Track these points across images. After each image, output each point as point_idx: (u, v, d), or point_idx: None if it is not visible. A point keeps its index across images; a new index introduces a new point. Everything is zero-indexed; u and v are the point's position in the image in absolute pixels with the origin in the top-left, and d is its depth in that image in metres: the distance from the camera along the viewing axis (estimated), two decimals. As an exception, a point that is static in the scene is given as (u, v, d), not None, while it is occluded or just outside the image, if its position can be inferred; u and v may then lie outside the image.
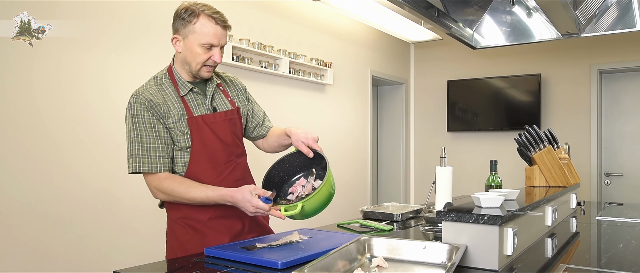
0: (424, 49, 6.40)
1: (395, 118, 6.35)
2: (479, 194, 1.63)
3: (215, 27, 1.70)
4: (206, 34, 1.69)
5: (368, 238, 1.55)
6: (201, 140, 1.76)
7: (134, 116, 1.70)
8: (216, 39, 1.71)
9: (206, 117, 1.78)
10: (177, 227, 1.81)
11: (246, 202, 1.63)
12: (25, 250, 2.62)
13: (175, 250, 1.79)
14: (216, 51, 1.73)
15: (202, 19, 1.69)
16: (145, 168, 1.71)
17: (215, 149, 1.79)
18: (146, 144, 1.70)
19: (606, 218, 2.59)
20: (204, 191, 1.69)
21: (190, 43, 1.72)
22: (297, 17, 4.49)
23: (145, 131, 1.70)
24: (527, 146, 2.64)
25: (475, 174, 5.52)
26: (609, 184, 5.33)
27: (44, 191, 2.70)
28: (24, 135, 2.62)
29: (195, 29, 1.70)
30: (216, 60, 1.74)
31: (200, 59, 1.72)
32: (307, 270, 1.20)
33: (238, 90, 1.99)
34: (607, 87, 5.37)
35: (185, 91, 1.78)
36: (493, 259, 1.42)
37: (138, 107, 1.70)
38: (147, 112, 1.70)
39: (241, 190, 1.64)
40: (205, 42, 1.70)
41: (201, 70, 1.76)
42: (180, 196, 1.71)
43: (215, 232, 1.78)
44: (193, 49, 1.72)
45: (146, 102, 1.70)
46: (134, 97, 1.72)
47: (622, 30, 3.27)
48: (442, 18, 3.07)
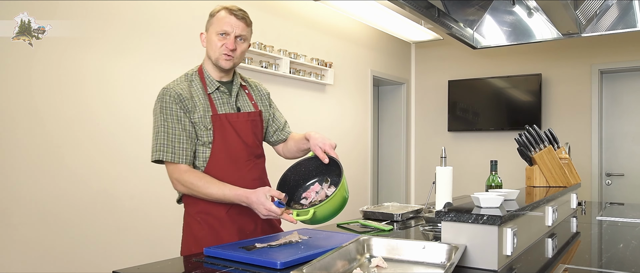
0: (424, 49, 6.39)
1: (396, 118, 6.34)
2: (479, 194, 1.62)
3: (229, 16, 1.82)
4: (221, 22, 1.81)
5: (367, 238, 1.55)
6: (223, 137, 1.83)
7: (162, 107, 1.78)
8: (230, 26, 1.81)
9: (230, 115, 1.86)
10: (194, 222, 1.86)
11: (260, 205, 1.68)
12: (25, 250, 2.62)
13: (190, 245, 1.84)
14: (230, 39, 1.82)
15: (220, 12, 1.83)
16: (169, 158, 1.77)
17: (235, 147, 1.86)
18: (172, 135, 1.77)
19: (607, 218, 2.59)
20: (222, 188, 1.75)
21: (209, 34, 1.85)
22: (297, 17, 4.49)
23: (172, 122, 1.77)
24: (527, 146, 2.64)
25: (475, 174, 5.52)
26: (609, 184, 5.33)
27: (44, 191, 2.70)
28: (24, 135, 2.62)
29: (213, 20, 1.84)
30: (229, 46, 1.81)
31: (217, 47, 1.82)
32: (306, 270, 1.20)
33: (261, 95, 2.07)
34: (608, 87, 5.36)
35: (212, 89, 1.86)
36: (492, 259, 1.42)
37: (167, 99, 1.78)
38: (176, 105, 1.78)
39: (256, 192, 1.69)
40: (220, 30, 1.81)
41: (220, 59, 1.84)
42: (198, 190, 1.76)
43: (229, 229, 1.84)
44: (211, 38, 1.84)
45: (175, 95, 1.78)
46: (164, 90, 1.80)
47: (622, 30, 3.27)
48: (443, 18, 3.07)
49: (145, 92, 3.20)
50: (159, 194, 3.26)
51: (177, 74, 3.35)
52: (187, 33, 3.47)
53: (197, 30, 3.51)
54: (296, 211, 1.68)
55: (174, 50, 3.38)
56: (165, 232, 3.29)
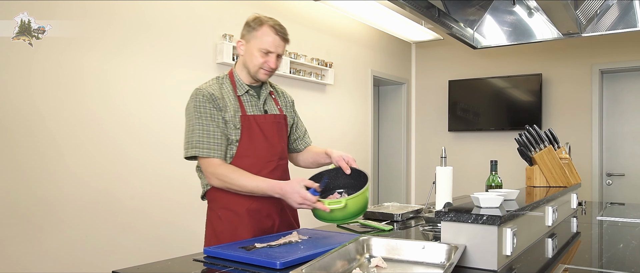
0: (425, 49, 6.39)
1: (396, 118, 6.34)
2: (478, 194, 1.62)
3: (274, 36, 1.90)
4: (265, 41, 1.89)
5: (367, 238, 1.55)
6: (250, 136, 1.92)
7: (196, 106, 1.86)
8: (273, 46, 1.90)
9: (257, 117, 1.95)
10: (215, 217, 1.93)
11: (295, 193, 1.75)
12: (24, 250, 2.62)
13: (211, 240, 1.92)
14: (272, 57, 1.92)
15: (265, 28, 1.90)
16: (204, 153, 1.84)
17: (260, 147, 1.94)
18: (206, 131, 1.85)
19: (607, 218, 2.58)
20: (255, 180, 1.83)
21: (251, 47, 1.91)
22: (297, 17, 4.49)
23: (205, 119, 1.85)
24: (527, 146, 2.63)
25: (476, 174, 5.52)
26: (610, 184, 5.32)
27: (44, 191, 2.70)
28: (24, 135, 2.62)
29: (257, 35, 1.90)
30: (271, 65, 1.92)
31: (258, 62, 1.91)
32: (305, 270, 1.20)
33: (287, 101, 2.17)
34: (609, 87, 5.36)
35: (242, 91, 1.96)
36: (492, 259, 1.42)
37: (200, 98, 1.87)
38: (209, 103, 1.86)
39: (291, 183, 1.78)
40: (263, 48, 1.89)
41: (258, 73, 1.93)
42: (232, 182, 1.83)
43: (247, 226, 1.90)
44: (252, 52, 1.91)
45: (209, 95, 1.87)
46: (198, 91, 1.89)
47: (623, 30, 3.27)
48: (443, 18, 3.07)
49: (146, 92, 3.20)
50: (159, 194, 3.27)
51: (177, 74, 3.37)
52: (187, 33, 3.47)
53: (197, 30, 3.53)
54: (328, 200, 1.75)
55: (174, 51, 3.38)
56: (165, 232, 3.30)
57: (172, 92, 3.36)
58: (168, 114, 3.33)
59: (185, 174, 3.43)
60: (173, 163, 3.34)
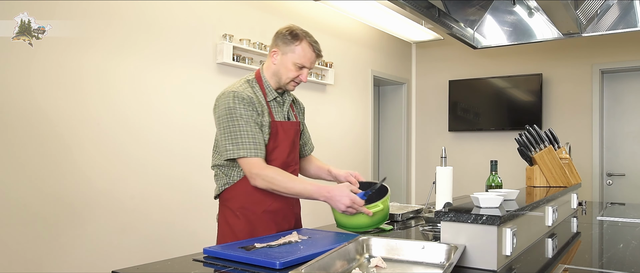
0: (425, 49, 6.39)
1: (397, 118, 6.34)
2: (478, 194, 1.62)
3: (312, 53, 1.97)
4: (303, 57, 1.95)
5: (366, 238, 1.55)
6: (276, 142, 1.98)
7: (235, 109, 1.88)
8: (309, 62, 1.98)
9: (283, 123, 2.02)
10: (232, 216, 1.97)
11: (344, 196, 1.82)
12: (25, 250, 2.62)
13: (227, 236, 1.96)
14: (305, 72, 1.99)
15: (304, 44, 1.95)
16: (251, 154, 1.87)
17: (284, 153, 2.01)
18: (251, 133, 1.88)
19: (607, 218, 2.58)
20: (302, 183, 1.89)
21: (286, 60, 1.95)
22: (297, 17, 4.49)
23: (246, 122, 1.88)
24: (527, 146, 2.63)
25: (476, 174, 5.51)
26: (611, 184, 5.32)
27: (44, 191, 2.70)
28: (24, 135, 2.63)
29: (295, 49, 1.94)
30: (303, 79, 2.00)
31: (291, 75, 1.96)
32: (305, 270, 1.20)
33: (300, 108, 2.23)
34: (609, 87, 5.36)
35: (271, 97, 2.00)
36: (491, 259, 1.41)
37: (238, 101, 1.89)
38: (250, 106, 1.90)
39: (339, 187, 1.86)
40: (300, 63, 1.95)
41: (289, 84, 2.00)
42: (279, 184, 1.86)
43: (265, 226, 1.95)
44: (287, 65, 1.95)
45: (247, 98, 1.90)
46: (235, 94, 1.90)
47: (623, 30, 3.26)
48: (443, 18, 3.07)
49: (146, 92, 3.20)
50: (159, 194, 3.27)
51: (177, 74, 3.37)
52: (187, 33, 3.47)
53: (197, 30, 3.53)
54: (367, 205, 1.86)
55: (174, 51, 3.38)
56: (165, 232, 3.30)
57: (172, 92, 3.36)
58: (168, 114, 3.33)
59: (185, 174, 3.43)
60: (173, 164, 3.34)
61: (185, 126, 3.45)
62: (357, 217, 1.87)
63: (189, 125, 3.47)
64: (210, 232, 3.23)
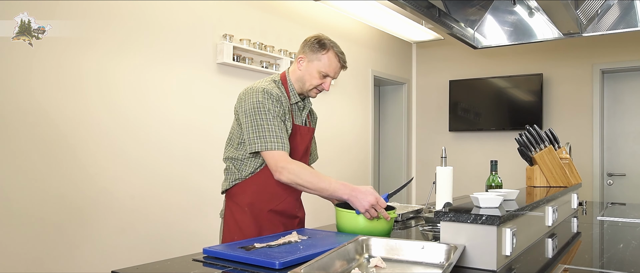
0: (425, 49, 6.39)
1: (397, 118, 6.34)
2: (478, 194, 1.62)
3: (337, 63, 2.03)
4: (329, 66, 2.00)
5: (366, 238, 1.55)
6: (293, 144, 2.01)
7: (263, 104, 1.91)
8: (334, 72, 2.03)
9: (302, 127, 2.08)
10: (239, 212, 1.99)
11: (369, 195, 1.80)
12: (25, 250, 2.62)
13: (233, 233, 1.98)
14: (328, 81, 2.04)
15: (330, 53, 2.01)
16: (280, 147, 1.89)
17: (296, 155, 2.03)
18: (277, 128, 1.91)
19: (608, 218, 2.58)
20: (328, 180, 1.88)
21: (312, 67, 2.01)
22: (298, 17, 4.49)
23: (273, 117, 1.91)
24: (527, 146, 2.63)
25: (477, 174, 5.51)
26: (611, 184, 5.31)
27: (44, 191, 2.70)
28: (24, 136, 2.63)
29: (321, 58, 2.00)
30: (325, 88, 2.05)
31: (315, 82, 2.01)
32: (304, 270, 1.20)
33: (313, 116, 2.26)
34: (610, 87, 5.35)
35: (294, 101, 2.05)
36: (491, 259, 1.41)
37: (267, 96, 1.92)
38: (278, 103, 1.94)
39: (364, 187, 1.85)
40: (325, 72, 2.00)
41: (311, 91, 2.05)
42: (305, 178, 1.86)
43: (272, 224, 1.99)
44: (312, 72, 2.01)
45: (276, 96, 1.94)
46: (264, 89, 1.93)
47: (624, 30, 3.26)
48: (443, 18, 3.06)
49: (146, 92, 3.20)
50: (159, 194, 3.27)
51: (177, 74, 3.37)
52: (187, 33, 3.47)
53: (197, 30, 3.53)
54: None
55: (174, 51, 3.38)
56: (165, 232, 3.30)
57: (172, 92, 3.36)
58: (168, 113, 3.33)
59: (185, 174, 3.43)
60: (173, 163, 3.34)
61: (186, 126, 3.45)
62: (357, 223, 1.84)
63: (189, 125, 3.47)
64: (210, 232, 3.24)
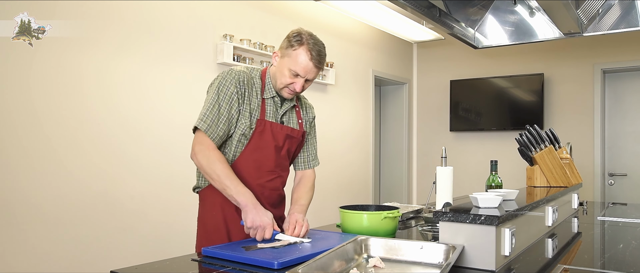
0: (426, 49, 6.38)
1: (398, 118, 6.33)
2: (477, 194, 1.62)
3: (308, 62, 1.83)
4: (298, 63, 1.83)
5: (365, 238, 1.55)
6: (259, 141, 1.89)
7: (220, 84, 1.84)
8: (304, 71, 1.84)
9: (274, 125, 1.92)
10: (208, 217, 1.91)
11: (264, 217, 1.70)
12: (25, 250, 2.62)
13: (203, 240, 1.89)
14: (299, 81, 1.86)
15: (301, 50, 1.83)
16: (204, 128, 1.80)
17: (267, 155, 1.91)
18: (216, 111, 1.81)
19: (608, 218, 2.57)
20: (236, 183, 1.76)
21: (283, 63, 1.86)
22: (298, 17, 4.48)
23: (222, 100, 1.82)
24: (527, 146, 2.63)
25: (478, 174, 5.50)
26: (612, 184, 5.30)
27: (44, 192, 2.70)
28: (24, 136, 2.63)
29: (291, 54, 1.84)
30: (296, 88, 1.87)
31: (284, 81, 1.86)
32: (302, 270, 1.20)
33: (309, 117, 2.12)
34: (611, 87, 5.34)
35: (268, 95, 1.92)
36: (490, 259, 1.41)
37: (229, 78, 1.85)
38: (234, 86, 1.83)
39: (267, 212, 1.73)
40: (294, 70, 1.83)
41: (282, 90, 1.90)
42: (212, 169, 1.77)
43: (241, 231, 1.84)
44: (282, 69, 1.86)
45: (237, 78, 1.85)
46: (229, 71, 1.87)
47: (625, 29, 3.25)
48: (444, 18, 3.06)
49: (146, 92, 3.20)
50: (159, 195, 3.27)
51: (177, 74, 3.37)
52: (187, 33, 3.47)
53: (197, 30, 3.52)
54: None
55: (175, 51, 3.38)
56: (165, 233, 3.30)
57: (172, 92, 3.36)
58: (168, 114, 3.33)
59: (185, 174, 3.43)
60: (173, 164, 3.34)
61: (186, 126, 3.44)
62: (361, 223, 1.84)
63: (189, 125, 3.44)
64: (210, 232, 3.24)
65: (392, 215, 1.84)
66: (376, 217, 1.82)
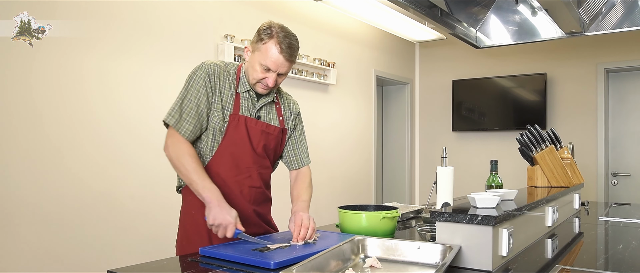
0: (428, 49, 6.37)
1: (400, 118, 6.32)
2: (475, 194, 1.61)
3: (278, 56, 1.77)
4: (268, 57, 1.77)
5: (362, 238, 1.54)
6: (234, 136, 1.84)
7: (190, 78, 1.81)
8: (274, 65, 1.78)
9: (249, 120, 1.86)
10: (188, 219, 1.87)
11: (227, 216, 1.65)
12: (25, 250, 2.63)
13: (184, 244, 1.86)
14: (271, 75, 1.80)
15: (270, 44, 1.76)
16: (173, 123, 1.79)
17: (243, 151, 1.85)
18: (186, 105, 1.79)
19: (610, 219, 2.56)
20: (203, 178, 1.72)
21: (253, 58, 1.81)
22: (299, 17, 4.48)
23: (192, 94, 1.79)
24: (528, 146, 2.61)
25: (481, 174, 5.46)
26: (616, 184, 5.27)
27: (44, 191, 2.71)
28: (24, 136, 2.63)
29: (261, 48, 1.78)
30: (268, 83, 1.81)
31: (256, 76, 1.81)
32: (296, 270, 1.19)
33: (291, 113, 2.04)
34: (614, 86, 5.31)
35: (242, 89, 1.87)
36: (487, 260, 1.40)
37: (199, 72, 1.81)
38: (202, 80, 1.80)
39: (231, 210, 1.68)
40: (264, 64, 1.77)
41: (256, 86, 1.85)
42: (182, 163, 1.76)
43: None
44: (254, 64, 1.81)
45: (208, 70, 1.81)
46: (202, 64, 1.83)
47: (628, 28, 3.23)
48: (446, 18, 3.05)
49: (146, 92, 3.20)
50: (159, 195, 3.27)
51: (177, 74, 3.37)
52: (188, 33, 3.47)
53: (198, 31, 3.53)
54: None
55: (175, 51, 3.38)
56: (165, 233, 3.29)
57: (172, 92, 3.33)
58: (169, 114, 3.33)
59: (186, 174, 3.43)
60: (174, 163, 3.34)
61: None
62: (360, 223, 1.83)
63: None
64: (211, 232, 3.23)
65: (390, 216, 1.83)
66: (375, 217, 1.81)
